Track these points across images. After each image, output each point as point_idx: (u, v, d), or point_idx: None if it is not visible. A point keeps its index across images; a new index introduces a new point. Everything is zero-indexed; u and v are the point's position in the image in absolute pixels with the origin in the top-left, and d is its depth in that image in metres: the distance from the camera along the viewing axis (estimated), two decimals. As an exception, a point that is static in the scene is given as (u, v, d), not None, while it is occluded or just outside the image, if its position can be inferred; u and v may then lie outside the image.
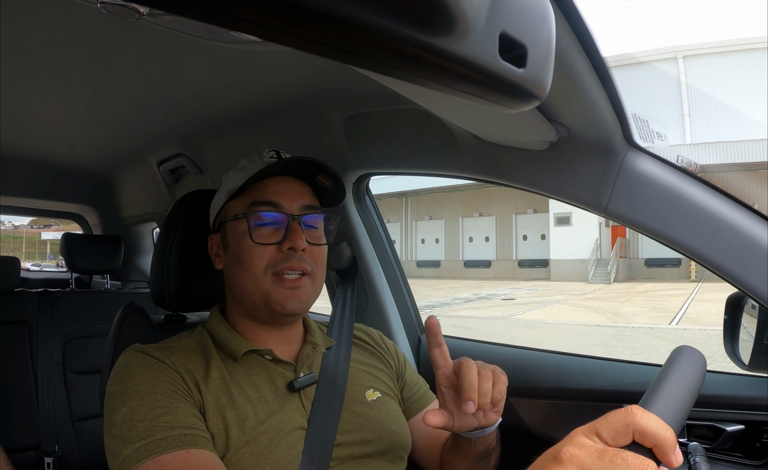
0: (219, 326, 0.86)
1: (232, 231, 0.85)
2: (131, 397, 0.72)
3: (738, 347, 0.98)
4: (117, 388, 0.74)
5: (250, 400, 0.78)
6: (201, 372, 0.78)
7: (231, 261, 0.85)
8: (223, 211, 0.88)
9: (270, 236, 0.82)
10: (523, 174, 0.98)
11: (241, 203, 0.85)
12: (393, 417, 0.90)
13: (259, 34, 0.26)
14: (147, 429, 0.69)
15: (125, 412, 0.71)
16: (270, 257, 0.81)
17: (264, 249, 0.81)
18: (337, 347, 0.94)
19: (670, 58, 20.35)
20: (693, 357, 0.52)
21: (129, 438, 0.69)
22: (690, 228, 0.80)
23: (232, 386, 0.78)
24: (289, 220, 0.83)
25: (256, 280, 0.81)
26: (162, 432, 0.69)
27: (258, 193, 0.84)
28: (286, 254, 0.81)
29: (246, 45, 0.57)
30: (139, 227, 2.64)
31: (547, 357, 1.30)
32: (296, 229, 0.82)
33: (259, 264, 0.81)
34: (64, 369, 1.87)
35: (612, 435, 0.43)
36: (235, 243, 0.84)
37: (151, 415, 0.70)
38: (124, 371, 0.76)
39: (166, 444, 0.68)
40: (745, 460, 0.95)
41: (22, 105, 1.34)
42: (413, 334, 1.50)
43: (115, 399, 0.73)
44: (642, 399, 0.48)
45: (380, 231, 1.49)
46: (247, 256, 0.82)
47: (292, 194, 0.85)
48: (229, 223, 0.86)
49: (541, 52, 0.35)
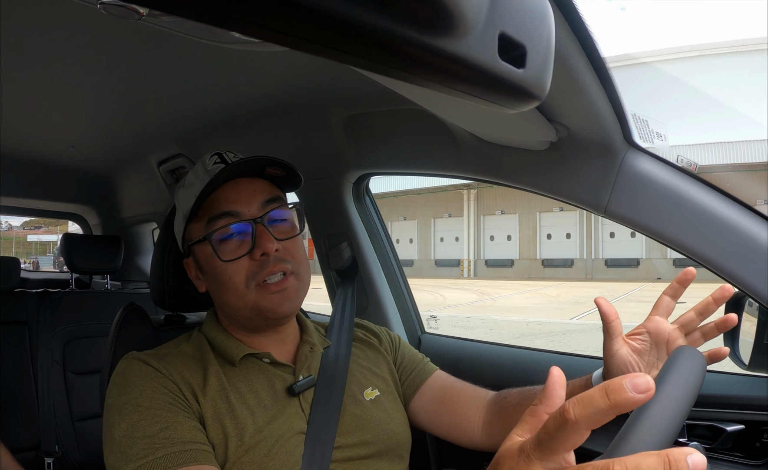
0: (215, 331, 0.85)
1: (202, 254, 0.83)
2: (129, 412, 0.70)
3: (738, 346, 0.98)
4: (115, 401, 0.73)
5: (248, 407, 0.77)
6: (199, 381, 0.77)
7: (211, 283, 0.83)
8: (187, 235, 0.85)
9: (238, 248, 0.79)
10: (523, 174, 0.98)
11: (199, 224, 0.81)
12: (391, 416, 0.89)
13: (259, 35, 0.26)
14: (147, 447, 0.67)
15: (124, 428, 0.69)
16: (246, 269, 0.78)
17: (237, 264, 0.78)
18: (337, 347, 0.93)
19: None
20: (692, 358, 0.52)
21: (129, 456, 0.67)
22: (690, 228, 0.80)
23: (231, 393, 0.77)
24: (252, 225, 0.79)
25: (241, 296, 0.79)
26: (162, 450, 0.68)
27: (212, 207, 0.80)
28: (261, 261, 0.78)
29: (246, 45, 0.57)
30: (140, 227, 2.63)
31: (548, 357, 1.30)
32: (262, 232, 0.78)
33: (238, 280, 0.78)
34: (64, 369, 1.87)
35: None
36: (208, 265, 0.81)
37: (150, 431, 0.69)
38: (122, 382, 0.74)
39: (165, 462, 0.67)
40: (745, 460, 0.95)
41: (22, 105, 1.34)
42: (413, 334, 1.50)
43: (113, 413, 0.72)
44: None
45: (380, 231, 1.49)
46: (223, 275, 0.79)
47: (247, 195, 0.81)
48: (195, 246, 0.83)
49: (541, 53, 0.35)
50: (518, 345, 1.41)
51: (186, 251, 0.87)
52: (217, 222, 0.79)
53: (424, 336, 1.51)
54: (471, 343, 1.48)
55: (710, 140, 17.07)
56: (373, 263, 1.45)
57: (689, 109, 17.58)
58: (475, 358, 1.38)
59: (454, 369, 1.37)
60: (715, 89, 19.17)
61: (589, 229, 21.86)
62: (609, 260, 21.75)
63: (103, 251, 2.29)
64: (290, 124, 1.34)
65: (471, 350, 1.43)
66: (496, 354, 1.36)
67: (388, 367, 0.97)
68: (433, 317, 7.04)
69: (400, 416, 0.92)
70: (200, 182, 0.82)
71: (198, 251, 0.83)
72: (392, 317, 1.46)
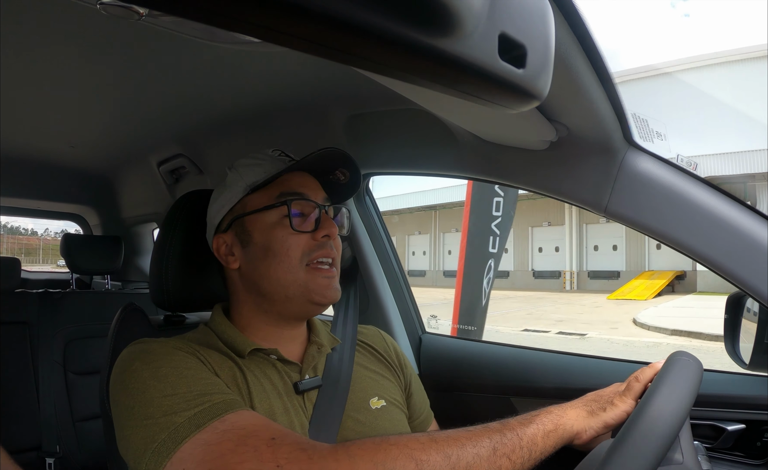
0: (222, 325, 0.84)
1: (258, 224, 0.83)
2: (165, 375, 0.67)
3: (738, 346, 0.98)
4: (145, 368, 0.68)
5: (264, 390, 0.77)
6: (214, 359, 0.76)
7: (257, 255, 0.82)
8: (239, 206, 0.85)
9: (303, 225, 0.82)
10: (523, 174, 0.98)
11: (266, 196, 0.84)
12: (397, 427, 0.87)
13: (259, 35, 0.26)
14: (200, 395, 0.65)
15: (162, 389, 0.65)
16: (304, 245, 0.81)
17: (299, 238, 0.81)
18: (341, 349, 0.93)
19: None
20: (689, 363, 0.53)
21: (176, 408, 0.64)
22: (690, 227, 0.80)
23: (247, 374, 0.76)
24: (320, 209, 0.84)
25: (293, 270, 0.80)
26: (219, 396, 0.66)
27: (283, 185, 0.84)
28: (321, 242, 0.82)
29: (246, 45, 0.57)
30: (140, 227, 2.64)
31: (548, 357, 1.30)
32: (327, 217, 0.84)
33: (294, 254, 0.80)
34: (65, 369, 1.87)
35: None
36: (263, 236, 0.82)
37: (197, 387, 0.66)
38: (145, 355, 0.71)
39: (225, 406, 0.64)
40: (745, 459, 0.95)
41: (22, 106, 1.34)
42: (414, 334, 1.50)
43: (143, 378, 0.67)
44: (639, 405, 0.49)
45: (380, 231, 1.49)
46: (282, 246, 0.80)
47: (314, 186, 0.87)
48: (250, 217, 0.84)
49: (541, 53, 0.35)
50: (518, 345, 1.41)
51: (227, 225, 0.86)
52: (289, 198, 0.83)
53: (425, 336, 1.51)
54: (471, 343, 1.48)
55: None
56: (373, 263, 1.45)
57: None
58: (475, 358, 1.38)
59: (455, 369, 1.38)
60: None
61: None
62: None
63: (104, 251, 2.30)
64: (290, 124, 1.34)
65: (471, 351, 1.43)
66: (496, 354, 1.36)
67: (399, 388, 0.96)
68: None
69: (406, 430, 0.90)
70: (270, 164, 0.86)
71: (252, 221, 0.83)
72: (393, 318, 1.46)
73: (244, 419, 0.64)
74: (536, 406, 0.78)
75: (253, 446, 0.60)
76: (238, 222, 0.85)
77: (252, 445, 0.60)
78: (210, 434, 0.61)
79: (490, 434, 0.65)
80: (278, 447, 0.60)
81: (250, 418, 0.65)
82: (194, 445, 0.61)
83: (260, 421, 0.65)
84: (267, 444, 0.60)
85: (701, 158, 15.96)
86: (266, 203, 0.83)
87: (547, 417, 0.72)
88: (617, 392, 0.78)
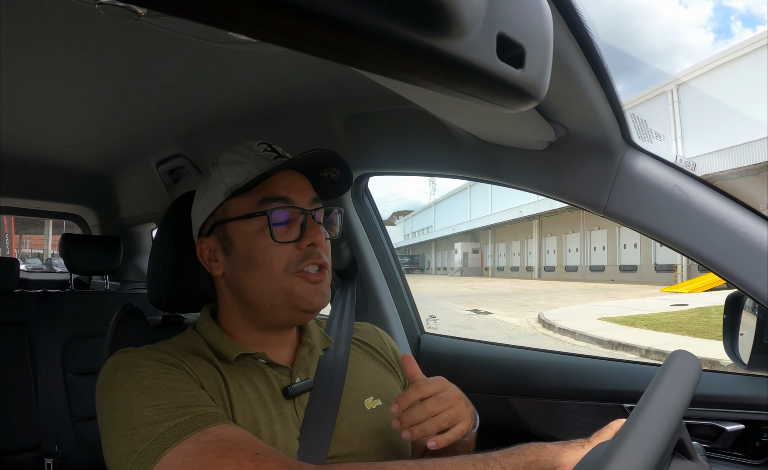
0: (210, 329, 0.82)
1: (238, 232, 0.79)
2: (147, 387, 0.67)
3: (737, 346, 0.98)
4: (127, 379, 0.68)
5: (248, 401, 0.75)
6: (200, 369, 0.75)
7: (239, 264, 0.79)
8: (221, 211, 0.81)
9: (286, 233, 0.78)
10: (522, 174, 0.98)
11: (247, 201, 0.79)
12: (393, 430, 0.84)
13: (258, 36, 0.26)
14: (180, 408, 0.65)
15: (143, 400, 0.65)
16: (289, 255, 0.78)
17: (282, 248, 0.77)
18: (335, 349, 0.91)
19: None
20: (687, 361, 0.53)
21: (157, 419, 0.63)
22: (689, 228, 0.80)
23: (231, 385, 0.75)
24: (305, 215, 0.80)
25: (276, 280, 0.77)
26: (201, 408, 0.65)
27: (266, 190, 0.79)
28: (306, 251, 0.78)
29: (245, 45, 0.57)
30: (138, 227, 2.63)
31: (548, 357, 1.30)
32: (313, 224, 0.79)
33: (278, 264, 0.77)
34: (64, 369, 1.86)
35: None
36: (244, 244, 0.79)
37: (179, 398, 0.66)
38: (128, 366, 0.71)
39: (208, 419, 0.64)
40: (745, 459, 0.95)
41: (21, 106, 1.34)
42: (413, 334, 1.50)
43: (125, 389, 0.67)
44: (638, 405, 0.49)
45: (379, 231, 1.49)
46: (264, 257, 0.77)
47: (301, 187, 0.82)
48: (231, 223, 0.80)
49: (539, 53, 0.35)
50: (518, 345, 1.41)
51: (209, 230, 0.83)
52: (271, 204, 0.78)
53: (424, 336, 1.51)
54: (471, 343, 1.48)
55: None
56: (372, 263, 1.45)
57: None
58: (475, 358, 1.38)
59: (455, 368, 1.38)
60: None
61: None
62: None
63: (102, 251, 2.29)
64: (290, 124, 1.34)
65: (471, 350, 1.43)
66: (496, 354, 1.36)
67: (398, 382, 0.95)
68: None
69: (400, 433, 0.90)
70: (253, 163, 0.81)
71: (233, 228, 0.80)
72: (391, 318, 1.46)
73: (228, 432, 0.65)
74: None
75: (235, 459, 0.60)
76: (220, 227, 0.82)
77: (235, 458, 0.60)
78: (191, 445, 0.62)
79: (474, 463, 0.66)
80: (262, 462, 0.60)
81: (234, 432, 0.65)
82: (174, 456, 0.61)
83: (244, 436, 0.65)
84: (251, 459, 0.61)
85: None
86: (247, 211, 0.79)
87: (529, 450, 0.71)
88: (596, 434, 0.75)
